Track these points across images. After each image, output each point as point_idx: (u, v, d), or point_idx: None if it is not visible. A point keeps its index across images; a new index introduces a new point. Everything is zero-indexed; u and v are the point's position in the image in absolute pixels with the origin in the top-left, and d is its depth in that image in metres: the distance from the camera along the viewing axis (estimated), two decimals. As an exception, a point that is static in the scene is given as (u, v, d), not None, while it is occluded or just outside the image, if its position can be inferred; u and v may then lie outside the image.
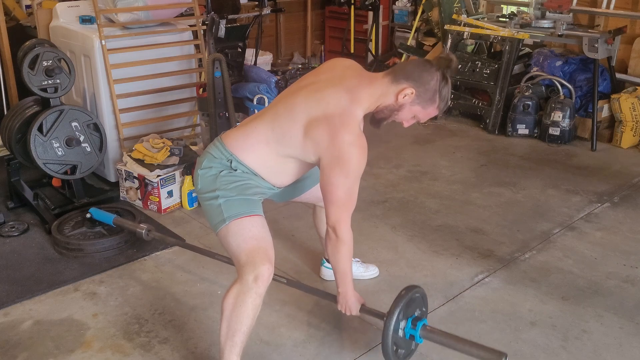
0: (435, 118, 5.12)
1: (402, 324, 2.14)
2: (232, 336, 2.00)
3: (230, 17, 4.39)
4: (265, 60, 5.77)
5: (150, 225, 2.96)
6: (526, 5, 5.20)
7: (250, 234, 2.04)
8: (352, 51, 6.29)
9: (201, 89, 3.66)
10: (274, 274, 2.06)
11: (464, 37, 5.03)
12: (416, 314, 2.21)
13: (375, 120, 2.16)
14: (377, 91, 2.06)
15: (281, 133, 2.06)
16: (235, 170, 2.09)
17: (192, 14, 4.13)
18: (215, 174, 2.09)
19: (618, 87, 4.79)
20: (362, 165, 2.02)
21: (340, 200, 2.03)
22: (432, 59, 2.08)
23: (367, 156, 2.04)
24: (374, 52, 6.25)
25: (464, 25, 5.08)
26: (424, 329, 2.15)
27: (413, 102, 2.05)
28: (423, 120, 2.14)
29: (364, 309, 2.27)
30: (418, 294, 2.23)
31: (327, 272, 2.83)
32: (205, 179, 2.11)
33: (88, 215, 3.12)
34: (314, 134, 1.99)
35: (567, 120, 4.54)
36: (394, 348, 2.13)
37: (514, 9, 5.31)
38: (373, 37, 6.20)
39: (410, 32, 6.15)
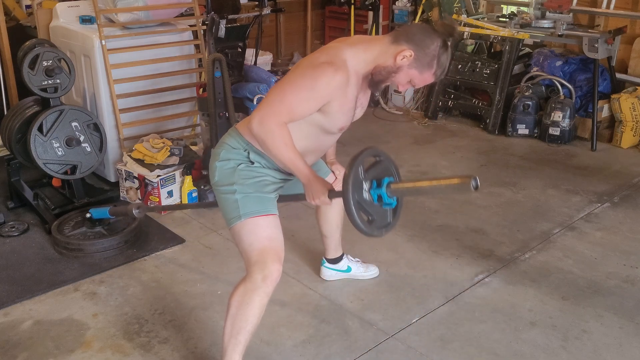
0: (435, 118, 5.15)
1: (366, 185, 1.92)
2: (236, 334, 2.00)
3: (230, 17, 4.39)
4: (265, 60, 5.76)
5: (140, 203, 2.94)
6: (526, 5, 5.20)
7: (264, 234, 2.04)
8: (352, 51, 6.28)
9: (201, 89, 3.66)
10: None
11: (464, 37, 5.03)
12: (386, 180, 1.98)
13: (373, 82, 2.07)
14: (375, 48, 2.02)
15: None
16: (253, 163, 2.09)
17: (192, 14, 4.13)
18: (233, 167, 2.09)
19: (618, 87, 4.79)
20: (326, 84, 1.91)
21: (282, 99, 1.92)
22: (435, 24, 2.03)
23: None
24: (374, 52, 6.24)
25: (464, 25, 5.07)
26: (389, 186, 1.93)
27: (410, 64, 1.99)
28: (418, 86, 2.08)
29: (332, 193, 1.99)
30: (380, 157, 2.03)
31: (327, 272, 2.83)
32: (223, 171, 2.10)
33: (88, 215, 3.11)
34: (295, 65, 2.01)
35: (567, 120, 4.54)
36: (365, 217, 1.92)
37: (514, 9, 5.31)
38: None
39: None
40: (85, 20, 3.78)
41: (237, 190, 2.06)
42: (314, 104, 1.96)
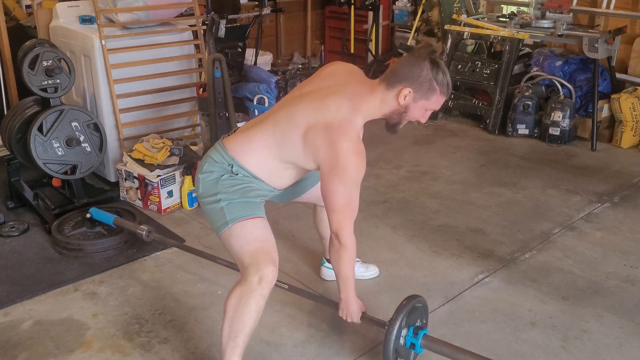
0: (435, 118, 5.15)
1: (404, 332, 2.14)
2: (234, 337, 2.00)
3: (230, 17, 4.39)
4: (265, 60, 5.76)
5: (151, 227, 2.96)
6: (526, 5, 5.20)
7: (253, 236, 2.04)
8: (352, 51, 6.29)
9: (201, 89, 3.66)
10: (277, 280, 2.06)
11: (464, 37, 5.03)
12: (417, 324, 2.21)
13: (390, 127, 2.18)
14: (376, 100, 2.08)
15: (282, 139, 2.07)
16: (237, 174, 2.10)
17: (192, 14, 4.13)
18: (216, 177, 2.10)
19: (618, 87, 4.79)
20: (360, 172, 2.03)
21: (341, 207, 2.04)
22: (415, 52, 2.06)
23: (368, 157, 2.05)
24: (374, 52, 6.25)
25: (464, 25, 5.08)
26: (425, 338, 2.15)
27: (415, 99, 2.05)
28: (437, 108, 2.12)
29: (365, 316, 2.27)
30: (420, 304, 2.24)
31: (327, 272, 2.82)
32: (207, 183, 2.12)
33: (88, 215, 3.12)
34: (313, 141, 2.01)
35: (567, 120, 4.54)
36: (395, 356, 2.13)
37: (514, 9, 5.31)
38: (373, 37, 6.19)
39: (410, 32, 6.15)
40: (85, 20, 3.78)
41: (221, 198, 2.07)
42: (359, 187, 2.07)
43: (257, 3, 5.17)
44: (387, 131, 2.20)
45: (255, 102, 4.28)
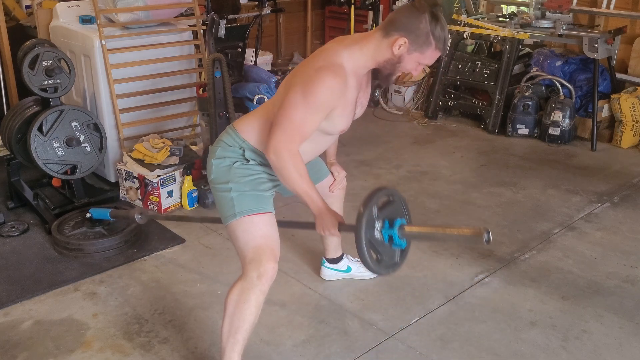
0: (435, 118, 5.14)
1: (379, 224, 1.94)
2: (234, 333, 2.01)
3: (230, 17, 4.39)
4: (265, 60, 5.76)
5: (142, 209, 2.94)
6: (526, 5, 5.20)
7: (260, 232, 2.04)
8: (352, 51, 6.28)
9: (201, 89, 3.66)
10: None
11: (464, 37, 5.03)
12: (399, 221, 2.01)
13: (383, 77, 2.09)
14: (370, 46, 2.02)
15: None
16: (248, 161, 2.09)
17: (192, 14, 4.13)
18: (229, 164, 2.09)
19: (618, 87, 4.79)
20: (328, 95, 1.93)
21: (291, 123, 1.93)
22: (416, 2, 2.00)
23: (368, 157, 2.03)
24: (374, 52, 6.24)
25: (464, 25, 5.08)
26: (402, 229, 1.96)
27: (409, 50, 1.98)
28: (430, 64, 2.07)
29: (342, 226, 2.04)
30: (394, 198, 2.06)
31: (327, 272, 2.83)
32: (219, 169, 2.11)
33: (88, 215, 3.12)
34: (294, 70, 2.00)
35: (567, 120, 4.54)
36: (374, 256, 1.96)
37: (514, 9, 5.31)
38: (373, 37, 6.19)
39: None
40: (85, 20, 3.78)
41: (232, 188, 2.06)
42: (320, 117, 1.97)
43: (257, 3, 5.17)
44: (381, 82, 2.12)
45: (255, 102, 4.27)
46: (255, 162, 2.11)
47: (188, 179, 3.50)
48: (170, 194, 3.50)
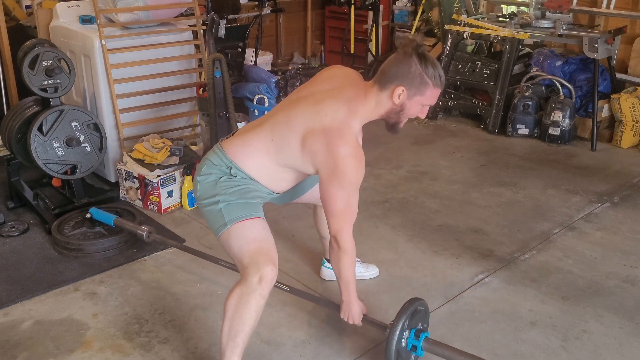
0: (435, 118, 5.14)
1: (406, 334, 2.15)
2: (234, 337, 2.00)
3: (230, 17, 4.39)
4: (265, 60, 5.76)
5: (151, 227, 2.96)
6: (526, 5, 5.20)
7: (252, 236, 2.04)
8: (352, 51, 6.29)
9: (201, 89, 3.66)
10: (277, 281, 2.06)
11: (464, 37, 5.03)
12: (419, 327, 2.22)
13: (390, 127, 2.18)
14: (371, 102, 2.07)
15: (280, 143, 2.08)
16: (235, 176, 2.10)
17: (192, 14, 4.13)
18: (214, 179, 2.10)
19: (618, 87, 4.79)
20: (359, 176, 2.03)
21: (340, 211, 2.05)
22: (400, 49, 2.03)
23: (367, 157, 2.06)
24: (374, 52, 6.24)
25: (464, 25, 5.08)
26: (426, 341, 2.16)
27: (409, 96, 2.03)
28: (433, 102, 2.10)
29: (366, 318, 2.29)
30: (422, 307, 2.25)
31: (327, 272, 2.82)
32: (205, 185, 2.12)
33: (88, 215, 3.12)
34: (311, 146, 2.01)
35: (567, 120, 4.54)
36: (396, 357, 2.13)
37: (514, 9, 5.31)
38: (373, 37, 6.19)
39: (410, 32, 6.15)
40: (85, 20, 3.78)
41: (220, 200, 2.07)
42: (358, 190, 2.08)
43: (257, 3, 5.17)
44: (388, 131, 2.20)
45: (255, 102, 4.28)
46: (241, 177, 2.11)
47: (188, 179, 3.50)
48: (170, 194, 3.50)
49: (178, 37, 3.97)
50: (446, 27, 5.17)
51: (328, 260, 2.80)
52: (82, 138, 3.35)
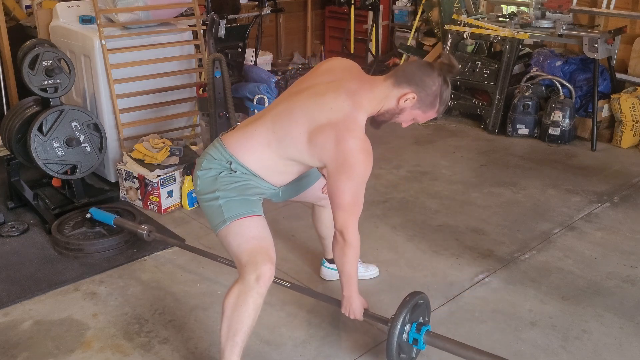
0: (435, 118, 5.15)
1: (407, 327, 2.15)
2: (233, 336, 2.00)
3: (230, 17, 4.39)
4: (265, 60, 5.77)
5: (151, 227, 2.96)
6: (526, 5, 5.20)
7: (251, 234, 2.04)
8: (352, 51, 6.30)
9: (201, 89, 3.66)
10: (277, 277, 2.06)
11: (464, 37, 5.03)
12: (420, 320, 2.22)
13: (375, 122, 2.17)
14: (379, 95, 2.06)
15: (282, 135, 2.06)
16: (235, 171, 2.09)
17: (192, 14, 4.13)
18: (214, 175, 2.09)
19: (618, 87, 4.79)
20: (368, 169, 2.03)
21: (347, 204, 2.04)
22: (434, 62, 2.06)
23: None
24: (374, 52, 6.25)
25: (464, 25, 5.07)
26: (427, 334, 2.16)
27: (414, 106, 2.06)
28: (422, 122, 2.16)
29: (367, 313, 2.28)
30: (423, 301, 2.25)
31: (327, 272, 2.83)
32: (205, 180, 2.11)
33: (88, 215, 3.12)
34: (319, 141, 1.99)
35: (567, 120, 4.54)
36: (398, 352, 2.13)
37: (514, 9, 5.31)
38: (373, 37, 6.20)
39: (410, 32, 6.15)
40: (85, 20, 3.78)
41: (219, 196, 2.06)
42: (365, 183, 2.07)
43: (257, 3, 5.17)
44: (370, 125, 2.17)
45: (255, 102, 4.27)
46: (242, 172, 2.10)
47: (188, 179, 3.50)
48: (170, 194, 3.50)
49: (178, 37, 3.97)
50: (446, 27, 5.17)
51: (328, 260, 2.81)
52: (82, 138, 3.35)
